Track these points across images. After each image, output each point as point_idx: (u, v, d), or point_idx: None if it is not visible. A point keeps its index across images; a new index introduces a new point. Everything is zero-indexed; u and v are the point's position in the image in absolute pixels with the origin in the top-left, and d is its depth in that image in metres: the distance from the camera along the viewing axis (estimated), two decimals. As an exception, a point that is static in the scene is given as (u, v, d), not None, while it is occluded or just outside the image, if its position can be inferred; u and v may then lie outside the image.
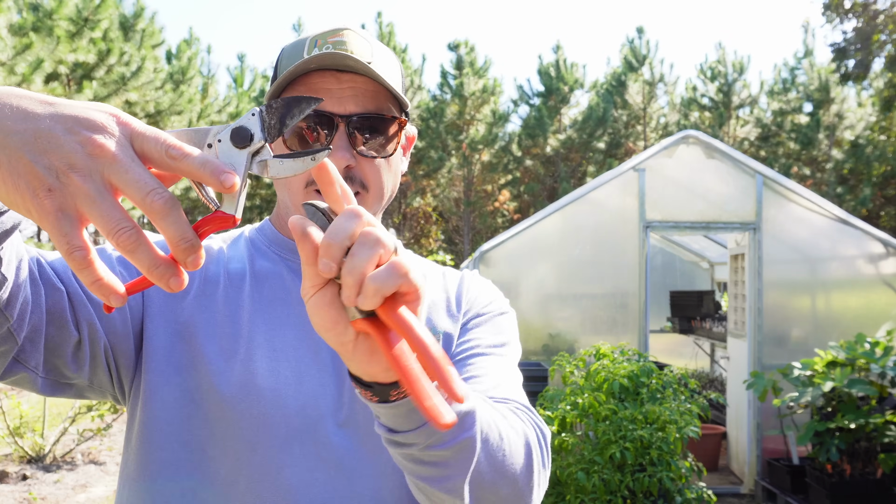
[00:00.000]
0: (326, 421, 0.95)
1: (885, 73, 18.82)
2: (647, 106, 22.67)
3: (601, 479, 3.68)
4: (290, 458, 0.93)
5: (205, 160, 0.57)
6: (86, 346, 0.89)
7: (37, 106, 0.56)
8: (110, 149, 0.55)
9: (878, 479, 4.76)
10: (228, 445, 0.92)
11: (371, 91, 0.99)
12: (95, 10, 12.02)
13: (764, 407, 5.63)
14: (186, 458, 0.93)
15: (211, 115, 19.56)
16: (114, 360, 0.94)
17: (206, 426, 0.93)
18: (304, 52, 0.98)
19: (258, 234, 1.10)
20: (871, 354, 4.82)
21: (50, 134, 0.55)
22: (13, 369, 0.83)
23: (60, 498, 5.56)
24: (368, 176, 1.00)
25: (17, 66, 9.70)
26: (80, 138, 0.55)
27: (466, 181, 22.25)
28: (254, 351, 0.95)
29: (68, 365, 0.88)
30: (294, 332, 0.98)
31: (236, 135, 0.60)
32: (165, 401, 0.93)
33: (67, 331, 0.86)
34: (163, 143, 0.56)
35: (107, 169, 0.54)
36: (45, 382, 0.87)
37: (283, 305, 1.00)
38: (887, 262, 5.84)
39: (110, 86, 12.69)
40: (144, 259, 0.55)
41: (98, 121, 0.56)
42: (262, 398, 0.93)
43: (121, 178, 0.54)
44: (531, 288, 5.87)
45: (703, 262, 9.92)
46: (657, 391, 3.96)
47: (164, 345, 0.94)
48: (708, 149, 5.88)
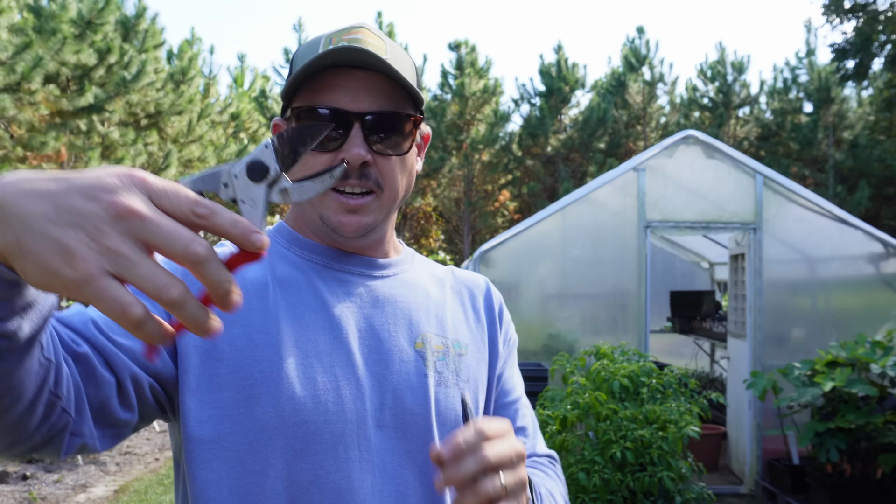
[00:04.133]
0: (366, 423, 0.95)
1: (885, 73, 18.82)
2: (648, 106, 22.67)
3: (602, 479, 3.69)
4: (336, 463, 0.93)
5: (234, 220, 0.56)
6: (130, 392, 0.88)
7: (49, 184, 0.55)
8: (136, 208, 0.53)
9: (879, 479, 4.76)
10: (273, 457, 0.92)
11: (387, 88, 0.98)
12: (99, 13, 12.03)
13: (764, 407, 5.63)
14: (226, 475, 0.92)
15: (212, 116, 19.57)
16: (161, 390, 0.93)
17: (245, 441, 0.92)
18: (319, 49, 0.97)
19: (275, 236, 1.07)
20: (871, 354, 4.82)
21: (71, 207, 0.53)
22: (72, 444, 0.82)
23: (60, 498, 5.56)
24: (384, 173, 0.99)
25: (17, 66, 9.71)
26: (102, 204, 0.53)
27: (466, 181, 22.26)
28: (287, 360, 0.94)
29: (118, 416, 0.87)
30: (325, 337, 0.97)
31: (252, 169, 0.60)
32: (201, 420, 0.92)
33: (106, 386, 0.85)
34: (186, 200, 0.55)
35: (138, 229, 0.53)
36: (102, 441, 0.86)
37: (308, 310, 0.98)
38: (887, 262, 5.84)
39: (110, 87, 12.68)
40: (191, 313, 0.54)
41: (115, 184, 0.54)
42: (303, 407, 0.93)
43: (156, 236, 0.53)
44: (531, 288, 5.87)
45: (703, 262, 9.92)
46: (657, 391, 3.96)
47: (195, 364, 0.93)
48: (708, 149, 5.88)
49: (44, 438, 0.78)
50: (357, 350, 0.98)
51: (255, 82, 23.64)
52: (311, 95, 0.97)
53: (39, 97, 10.70)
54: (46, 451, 0.81)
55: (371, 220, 1.00)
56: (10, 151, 11.63)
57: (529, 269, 5.88)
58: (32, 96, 10.43)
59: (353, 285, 1.03)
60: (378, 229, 1.04)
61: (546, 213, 5.96)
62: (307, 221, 1.05)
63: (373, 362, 0.98)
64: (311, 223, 1.04)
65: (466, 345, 1.08)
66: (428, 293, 1.09)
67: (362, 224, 0.99)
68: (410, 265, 1.12)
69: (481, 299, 1.16)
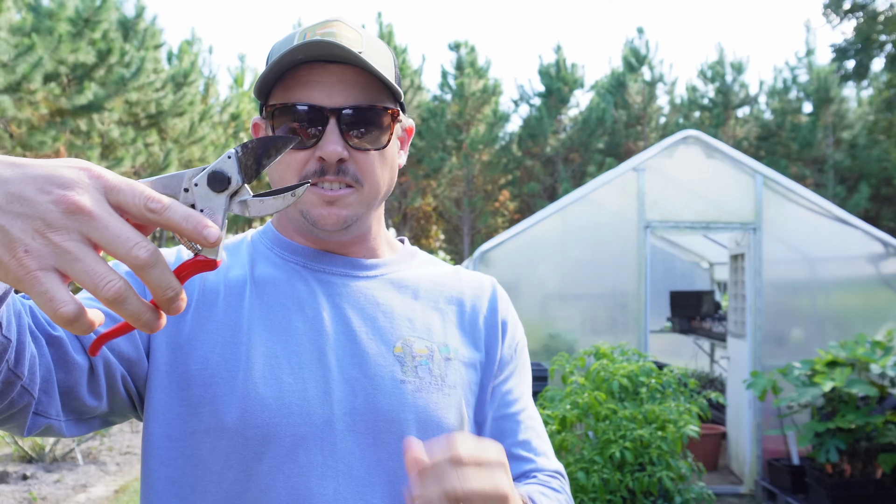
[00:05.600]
0: (333, 427, 0.92)
1: (884, 73, 18.82)
2: (647, 106, 22.67)
3: (601, 479, 3.68)
4: (297, 468, 0.90)
5: (187, 214, 0.56)
6: (101, 378, 0.88)
7: (5, 169, 0.55)
8: (86, 205, 0.53)
9: (878, 479, 4.77)
10: (233, 458, 0.90)
11: (361, 82, 0.96)
12: (96, 11, 12.02)
13: (764, 407, 5.63)
14: (189, 473, 0.91)
15: (213, 116, 19.56)
16: (132, 384, 0.93)
17: (209, 439, 0.91)
18: (293, 43, 0.95)
19: (261, 237, 1.07)
20: (871, 354, 4.82)
21: (21, 196, 0.54)
22: (36, 423, 0.83)
23: (60, 498, 5.56)
24: (362, 168, 0.97)
25: (18, 66, 9.71)
26: (53, 197, 0.53)
27: (467, 181, 22.25)
28: (254, 359, 0.93)
29: (86, 402, 0.87)
30: (297, 338, 0.95)
31: (213, 179, 0.60)
32: (168, 416, 0.92)
33: (77, 371, 0.85)
34: (140, 195, 0.55)
35: (84, 226, 0.53)
36: (68, 425, 0.87)
37: (283, 310, 0.97)
38: (887, 262, 5.84)
39: (110, 86, 12.68)
40: (132, 310, 0.55)
41: (70, 177, 0.54)
42: (265, 407, 0.90)
43: (101, 235, 0.54)
44: (531, 288, 5.87)
45: (702, 262, 9.92)
46: (657, 391, 3.96)
47: (166, 360, 0.93)
48: (708, 149, 5.88)
49: (4, 414, 0.78)
50: (330, 352, 0.95)
51: (255, 82, 23.63)
52: (286, 92, 0.96)
53: (39, 96, 10.70)
54: (7, 426, 0.81)
55: (350, 212, 0.98)
56: (9, 151, 11.63)
57: (529, 269, 5.88)
58: (32, 96, 10.42)
59: (333, 286, 1.01)
60: (360, 224, 1.01)
61: (546, 213, 5.96)
62: (290, 220, 1.04)
63: (346, 365, 0.95)
64: (294, 220, 1.03)
65: (456, 349, 1.03)
66: (416, 295, 1.06)
67: (341, 217, 0.97)
68: (403, 265, 1.09)
69: (484, 303, 1.10)
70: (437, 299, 1.07)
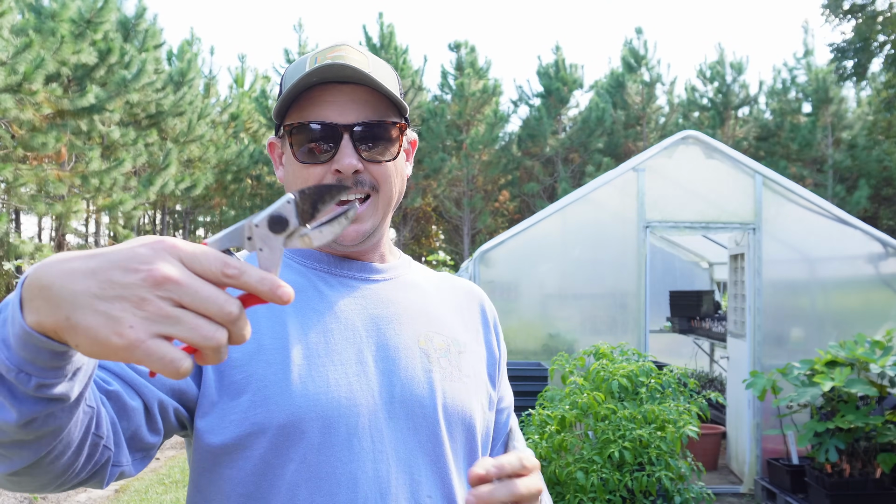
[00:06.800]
0: (377, 416, 1.01)
1: (883, 73, 18.83)
2: (647, 106, 22.67)
3: (600, 479, 3.69)
4: (351, 454, 0.98)
5: (261, 278, 0.61)
6: (156, 417, 0.94)
7: (87, 261, 0.60)
8: (172, 275, 0.58)
9: (878, 479, 4.77)
10: (292, 451, 0.97)
11: (371, 100, 1.05)
12: (98, 12, 12.03)
13: (764, 407, 5.64)
14: (252, 471, 0.97)
15: (212, 116, 19.56)
16: (185, 412, 0.99)
17: (265, 437, 0.97)
18: (305, 68, 1.03)
19: None
20: (870, 354, 4.83)
21: (111, 281, 0.58)
22: (113, 473, 0.89)
23: (61, 498, 5.57)
24: (377, 177, 1.07)
25: (19, 67, 9.71)
26: (141, 275, 0.58)
27: (466, 181, 22.26)
28: (297, 360, 1.00)
29: (147, 440, 0.93)
30: (333, 337, 1.03)
31: (274, 222, 0.65)
32: (223, 425, 0.98)
33: (136, 417, 0.91)
34: (217, 262, 0.60)
35: (175, 293, 0.58)
36: (135, 465, 0.93)
37: (316, 313, 1.04)
38: (886, 262, 5.85)
39: (111, 87, 12.68)
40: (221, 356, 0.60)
41: (148, 254, 0.59)
42: (318, 403, 0.98)
43: (193, 299, 0.58)
44: (531, 288, 5.88)
45: (702, 262, 9.93)
46: (656, 391, 3.97)
47: (213, 377, 0.98)
48: (707, 149, 5.89)
49: (89, 474, 0.85)
50: (365, 348, 1.04)
51: (255, 82, 23.62)
52: (301, 112, 1.05)
53: (41, 97, 10.70)
54: (91, 483, 0.88)
55: (369, 226, 1.08)
56: (11, 151, 11.63)
57: (529, 269, 5.89)
58: (34, 97, 10.42)
59: (355, 289, 1.09)
60: (375, 234, 1.11)
61: (546, 213, 5.97)
62: None
63: (381, 359, 1.04)
64: None
65: (466, 343, 1.14)
66: (426, 294, 1.16)
67: (361, 232, 1.07)
68: (407, 269, 1.19)
69: (477, 305, 1.23)
70: (444, 299, 1.18)
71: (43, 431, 0.71)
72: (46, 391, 0.66)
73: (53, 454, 0.75)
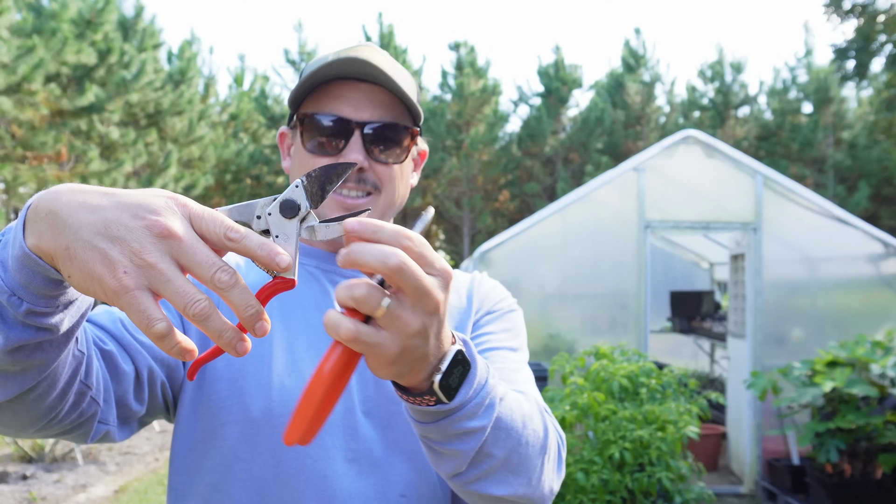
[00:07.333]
0: (353, 413, 1.00)
1: (884, 73, 18.82)
2: (646, 106, 22.67)
3: (600, 479, 3.68)
4: (323, 451, 0.98)
5: (261, 243, 0.62)
6: (144, 385, 0.96)
7: (100, 198, 0.61)
8: (176, 230, 0.59)
9: (878, 479, 4.77)
10: (261, 445, 0.98)
11: (387, 101, 1.05)
12: (98, 13, 12.03)
13: (764, 407, 5.63)
14: (220, 462, 0.99)
15: (212, 116, 19.56)
16: (170, 389, 1.01)
17: (237, 429, 0.98)
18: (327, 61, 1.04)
19: None
20: (871, 354, 4.82)
21: (118, 222, 0.59)
22: (98, 430, 0.90)
23: (60, 498, 5.56)
24: (381, 178, 1.06)
25: (19, 67, 9.71)
26: (146, 222, 0.59)
27: (466, 181, 22.25)
28: (277, 354, 1.01)
29: (132, 407, 0.95)
30: (315, 333, 1.04)
31: (285, 207, 0.66)
32: (200, 412, 1.00)
33: (126, 381, 0.92)
34: (221, 224, 0.61)
35: (174, 249, 0.59)
36: (119, 431, 0.95)
37: (300, 309, 1.05)
38: (887, 262, 5.84)
39: (111, 86, 12.68)
40: (215, 327, 0.60)
41: (159, 205, 0.61)
42: (291, 397, 0.98)
43: (189, 259, 0.59)
44: (531, 288, 5.87)
45: (702, 262, 9.92)
46: (657, 391, 3.96)
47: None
48: (708, 149, 5.88)
49: (73, 423, 0.86)
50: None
51: (255, 82, 23.62)
52: (316, 104, 1.05)
53: (40, 97, 10.70)
54: (75, 434, 0.88)
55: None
56: (10, 151, 11.62)
57: (529, 269, 5.88)
58: (33, 97, 10.42)
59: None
60: None
61: (546, 213, 5.96)
62: None
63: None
64: None
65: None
66: None
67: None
68: None
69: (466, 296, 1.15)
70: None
71: (29, 363, 0.71)
72: (36, 319, 0.66)
73: (38, 391, 0.76)
